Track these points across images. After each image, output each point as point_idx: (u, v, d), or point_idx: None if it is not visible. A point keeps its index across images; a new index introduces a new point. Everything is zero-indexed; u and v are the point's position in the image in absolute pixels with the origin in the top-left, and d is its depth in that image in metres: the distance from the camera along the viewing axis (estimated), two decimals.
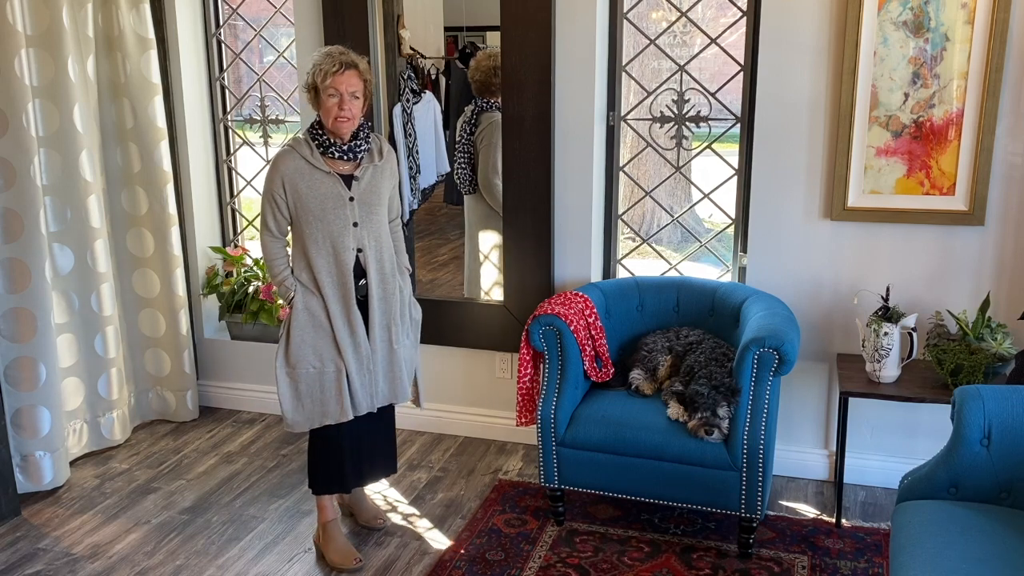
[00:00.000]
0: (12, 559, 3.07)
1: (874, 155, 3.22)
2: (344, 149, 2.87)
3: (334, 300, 2.88)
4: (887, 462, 3.43)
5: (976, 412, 2.30)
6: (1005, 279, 3.21)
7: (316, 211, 2.84)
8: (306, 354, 2.90)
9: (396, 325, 3.00)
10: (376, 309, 2.94)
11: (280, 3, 4.09)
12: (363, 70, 2.86)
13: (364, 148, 2.91)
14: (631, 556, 3.00)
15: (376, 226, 2.92)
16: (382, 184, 2.95)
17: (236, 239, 4.46)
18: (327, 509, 3.08)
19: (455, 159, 3.93)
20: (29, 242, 3.37)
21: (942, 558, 2.07)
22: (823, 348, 3.44)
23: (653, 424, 2.97)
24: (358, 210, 2.87)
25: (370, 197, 2.91)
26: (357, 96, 2.83)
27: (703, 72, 4.28)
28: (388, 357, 3.01)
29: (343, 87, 2.79)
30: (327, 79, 2.79)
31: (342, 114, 2.80)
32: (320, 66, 2.82)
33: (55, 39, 3.45)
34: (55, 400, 3.52)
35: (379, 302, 2.94)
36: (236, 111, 4.35)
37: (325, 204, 2.84)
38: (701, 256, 4.66)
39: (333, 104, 2.80)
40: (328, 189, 2.85)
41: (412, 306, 3.12)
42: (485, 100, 3.86)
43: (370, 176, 2.92)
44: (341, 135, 2.86)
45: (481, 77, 3.85)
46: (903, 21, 3.10)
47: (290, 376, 2.91)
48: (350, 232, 2.87)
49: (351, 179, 2.89)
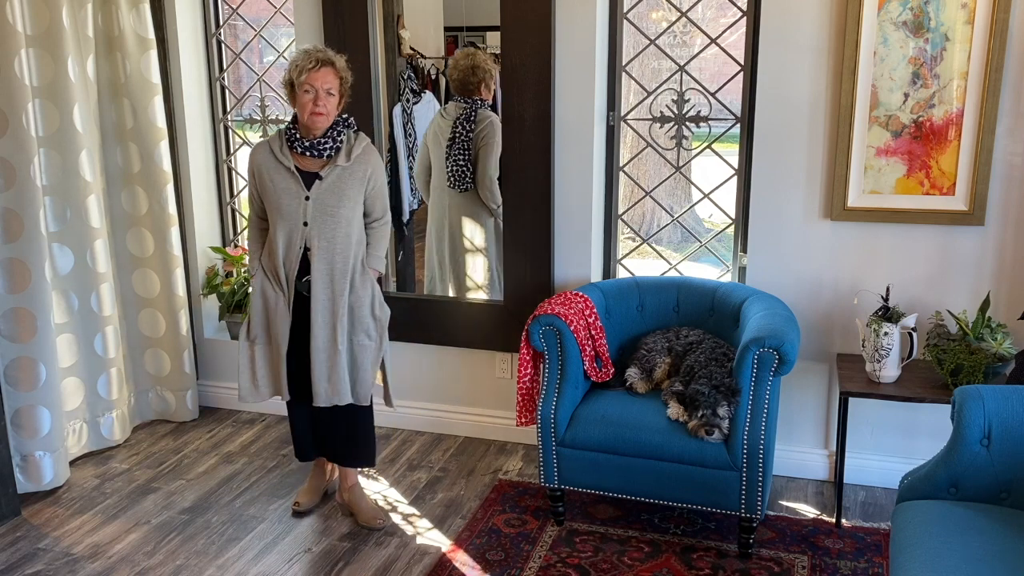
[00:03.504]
0: (12, 559, 3.07)
1: (874, 155, 3.22)
2: (307, 145, 2.93)
3: (278, 288, 3.04)
4: (887, 462, 3.43)
5: (976, 412, 2.30)
6: (1005, 279, 3.21)
7: (274, 204, 2.98)
8: (257, 332, 3.09)
9: (342, 326, 3.01)
10: (318, 310, 3.00)
11: (280, 3, 4.09)
12: (340, 68, 2.94)
13: (330, 147, 2.95)
14: (631, 556, 3.00)
15: (330, 228, 2.96)
16: (348, 186, 2.96)
17: (236, 239, 4.45)
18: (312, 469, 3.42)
19: (451, 155, 3.90)
20: (29, 242, 3.37)
21: (942, 558, 2.07)
22: (823, 348, 3.44)
23: (653, 424, 2.97)
24: (311, 210, 2.94)
25: (329, 198, 2.95)
26: (332, 93, 2.91)
27: (703, 72, 4.29)
28: (331, 358, 3.02)
29: (318, 83, 2.87)
30: (303, 75, 2.88)
31: (316, 109, 2.88)
32: (297, 62, 2.91)
33: (55, 39, 3.45)
34: (55, 400, 3.52)
35: (323, 303, 3.00)
36: (236, 111, 4.35)
37: (282, 199, 2.96)
38: (701, 256, 4.67)
39: (308, 100, 2.88)
40: (287, 185, 2.96)
41: (378, 306, 3.11)
42: (468, 98, 3.85)
43: (335, 177, 2.96)
44: (315, 131, 2.92)
45: (459, 76, 3.85)
46: (903, 21, 3.10)
47: (246, 350, 3.12)
48: (300, 230, 2.96)
49: (316, 177, 2.95)
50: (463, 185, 3.90)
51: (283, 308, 3.04)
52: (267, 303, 3.07)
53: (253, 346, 3.12)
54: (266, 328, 3.09)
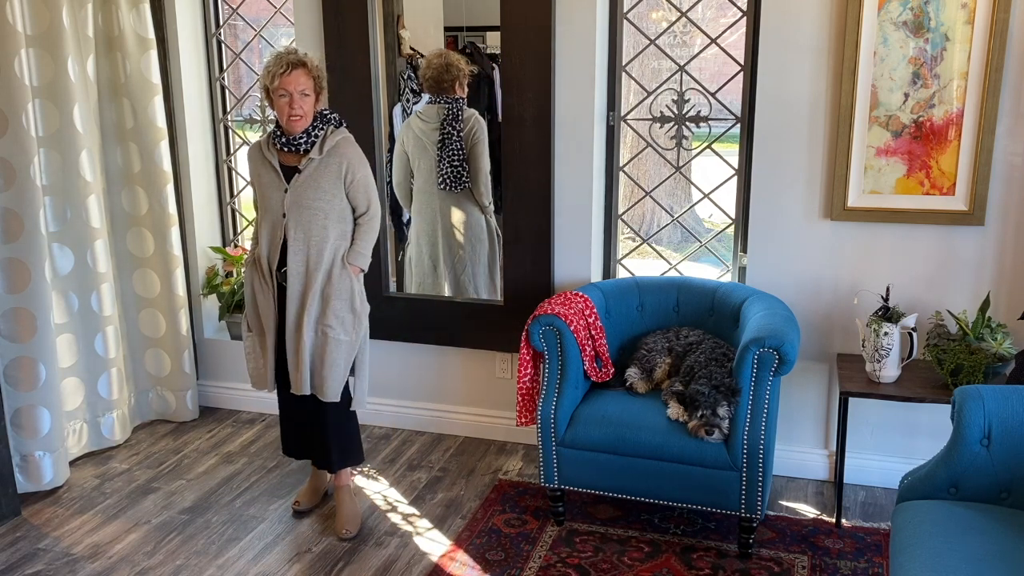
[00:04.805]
0: (12, 559, 3.07)
1: (874, 155, 3.22)
2: (283, 141, 3.00)
3: (262, 281, 3.10)
4: (887, 462, 3.43)
5: (976, 412, 2.30)
6: (1005, 279, 3.21)
7: (261, 198, 3.08)
8: (252, 322, 3.19)
9: (310, 317, 3.02)
10: (291, 299, 3.06)
11: (280, 3, 4.09)
12: (312, 67, 2.98)
13: (305, 141, 2.99)
14: (631, 556, 3.00)
15: (306, 219, 3.00)
16: (323, 179, 3.00)
17: (236, 239, 4.45)
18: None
19: (444, 157, 3.86)
20: (29, 242, 3.37)
21: (942, 558, 2.07)
22: (823, 348, 3.44)
23: (653, 424, 2.97)
24: (289, 201, 3.01)
25: (306, 191, 3.00)
26: (307, 93, 2.96)
27: (703, 72, 4.29)
28: (296, 347, 3.07)
29: (291, 87, 2.92)
30: (275, 80, 2.92)
31: (293, 112, 2.94)
32: (269, 68, 2.95)
33: (55, 39, 3.45)
34: (55, 400, 3.52)
35: (296, 293, 3.05)
36: (236, 111, 4.35)
37: (266, 192, 3.05)
38: (701, 256, 4.67)
39: (284, 104, 2.94)
40: (271, 179, 3.04)
41: (358, 302, 3.09)
42: (447, 97, 3.83)
43: (311, 170, 3.00)
44: (294, 132, 2.98)
45: (433, 75, 3.84)
46: (903, 21, 3.10)
47: (247, 340, 3.22)
48: (280, 222, 3.03)
49: (296, 171, 3.01)
50: (459, 185, 3.88)
51: (269, 300, 3.10)
52: (255, 295, 3.14)
53: (252, 337, 3.20)
54: (256, 319, 3.17)
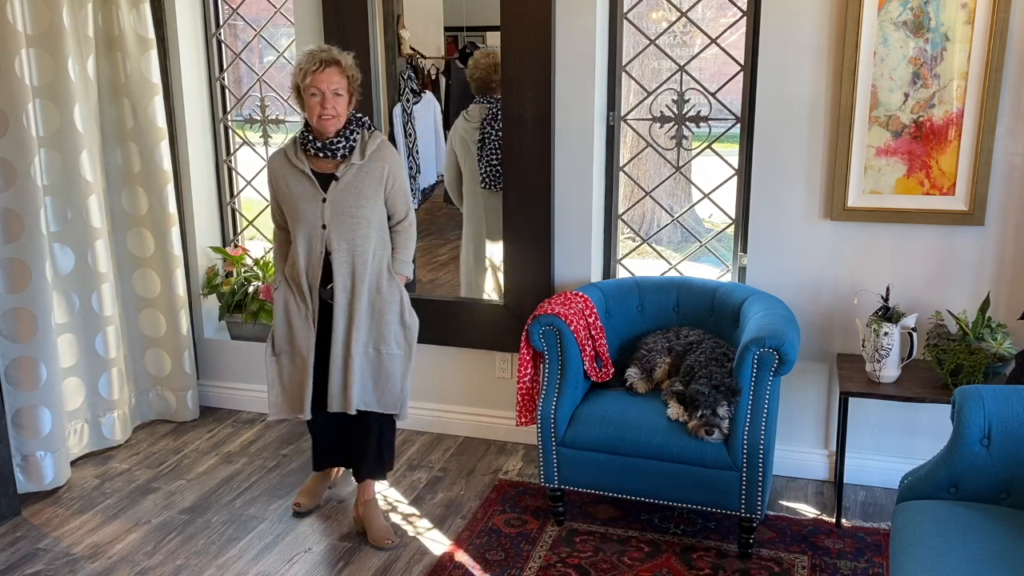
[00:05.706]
0: (12, 559, 3.07)
1: (874, 155, 3.22)
2: (319, 147, 2.86)
3: (298, 297, 2.96)
4: (887, 462, 3.43)
5: (976, 412, 2.30)
6: (1005, 279, 3.21)
7: (293, 210, 2.91)
8: (282, 346, 3.02)
9: (360, 332, 2.94)
10: (338, 315, 2.93)
11: (280, 3, 4.09)
12: (346, 66, 2.85)
13: (344, 146, 2.87)
14: (631, 556, 3.00)
15: (350, 229, 2.88)
16: (365, 185, 2.89)
17: (236, 239, 4.46)
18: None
19: (483, 156, 3.86)
20: (29, 242, 3.37)
21: (942, 558, 2.07)
22: (823, 348, 3.44)
23: (653, 424, 2.97)
24: (329, 212, 2.86)
25: (347, 198, 2.87)
26: (340, 93, 2.82)
27: (703, 72, 4.28)
28: (344, 364, 2.95)
29: (324, 85, 2.79)
30: (307, 78, 2.79)
31: (325, 112, 2.80)
32: (300, 65, 2.82)
33: (55, 39, 3.45)
34: (56, 400, 3.52)
35: (343, 308, 2.92)
36: (236, 111, 4.35)
37: (299, 204, 2.88)
38: (701, 256, 4.67)
39: (315, 103, 2.80)
40: (304, 189, 2.88)
41: (407, 314, 3.05)
42: (492, 97, 3.84)
43: (351, 176, 2.88)
44: (326, 134, 2.85)
45: (481, 75, 3.83)
46: (903, 21, 3.10)
47: (272, 365, 3.04)
48: (319, 234, 2.88)
49: (332, 178, 2.87)
50: (498, 185, 3.88)
51: (307, 321, 2.96)
52: (290, 316, 2.98)
53: (279, 361, 3.04)
54: (290, 342, 3.01)
